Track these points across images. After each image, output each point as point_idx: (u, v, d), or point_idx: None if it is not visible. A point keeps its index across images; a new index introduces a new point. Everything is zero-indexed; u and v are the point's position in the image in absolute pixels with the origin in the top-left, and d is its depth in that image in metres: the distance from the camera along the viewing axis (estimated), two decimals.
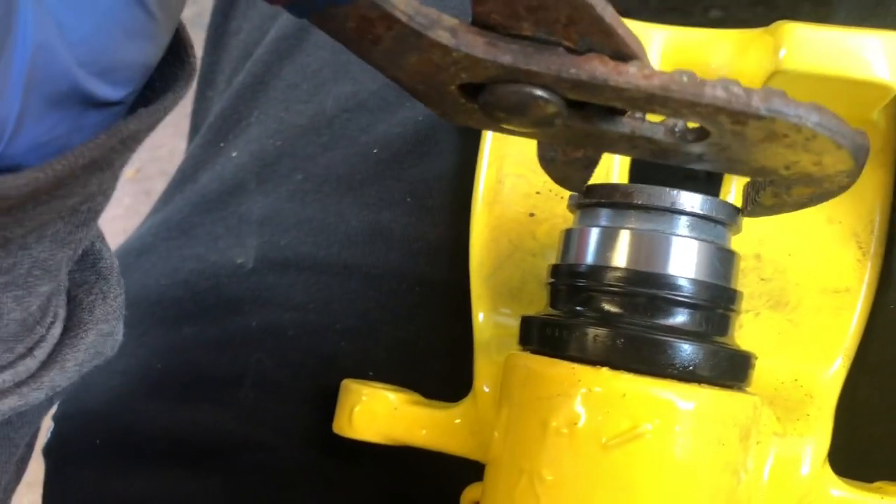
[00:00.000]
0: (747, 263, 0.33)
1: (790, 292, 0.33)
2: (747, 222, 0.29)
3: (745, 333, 0.33)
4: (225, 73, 0.46)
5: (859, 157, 0.23)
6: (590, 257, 0.28)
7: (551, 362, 0.27)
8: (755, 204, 0.27)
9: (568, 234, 0.30)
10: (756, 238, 0.33)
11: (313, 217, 0.39)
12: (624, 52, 0.21)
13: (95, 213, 0.22)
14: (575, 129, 0.24)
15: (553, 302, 0.30)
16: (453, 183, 0.38)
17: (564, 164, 0.28)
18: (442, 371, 0.38)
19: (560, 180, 0.29)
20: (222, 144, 0.42)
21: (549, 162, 0.28)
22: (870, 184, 0.32)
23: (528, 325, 0.30)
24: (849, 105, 0.30)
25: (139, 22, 0.18)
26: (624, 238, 0.28)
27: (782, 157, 0.23)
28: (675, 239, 0.27)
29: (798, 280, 0.33)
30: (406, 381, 0.37)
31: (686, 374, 0.26)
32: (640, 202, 0.28)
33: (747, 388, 0.28)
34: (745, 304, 0.33)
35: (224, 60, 0.47)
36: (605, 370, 0.26)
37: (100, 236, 0.26)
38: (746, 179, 0.28)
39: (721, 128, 0.22)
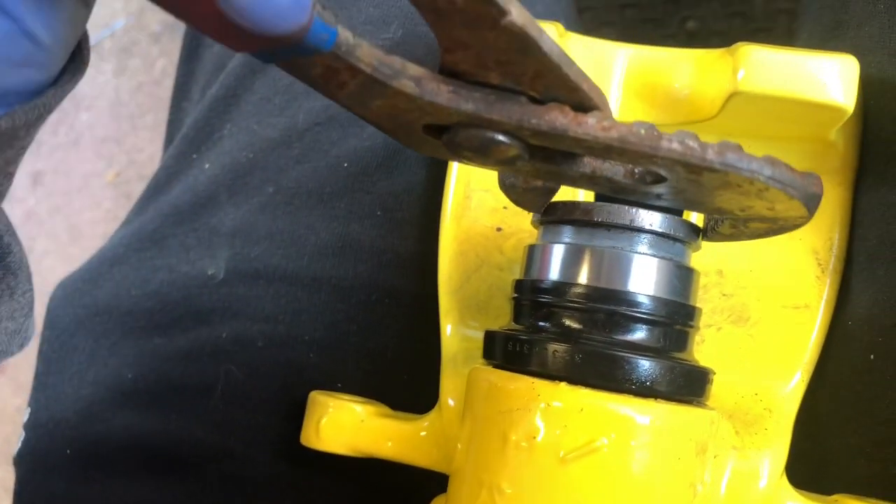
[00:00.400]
0: (709, 279, 0.34)
1: (751, 308, 0.34)
2: None
3: (707, 348, 0.34)
4: (199, 84, 0.46)
5: (811, 206, 0.23)
6: (551, 273, 0.29)
7: (512, 377, 0.28)
8: (714, 232, 0.28)
9: (531, 249, 0.30)
10: (718, 254, 0.34)
11: (284, 229, 0.39)
12: (585, 104, 0.22)
13: None
14: (537, 166, 0.24)
15: (516, 317, 0.30)
16: (422, 196, 0.38)
17: (525, 191, 0.28)
18: (410, 383, 0.39)
19: (519, 203, 0.30)
20: (195, 156, 0.42)
21: (510, 188, 0.28)
22: (829, 202, 0.33)
23: (491, 339, 0.30)
24: (806, 125, 0.31)
25: (27, 53, 0.18)
26: (584, 255, 0.28)
27: (737, 202, 0.24)
28: (634, 256, 0.28)
29: (759, 296, 0.34)
30: (374, 393, 0.37)
31: (643, 390, 0.27)
32: (600, 220, 0.28)
33: (705, 403, 0.29)
34: (707, 319, 0.34)
35: (198, 71, 0.47)
36: (563, 385, 0.27)
37: (9, 230, 0.25)
38: None
39: (678, 175, 0.23)
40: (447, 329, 0.35)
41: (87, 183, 1.25)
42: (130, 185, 1.22)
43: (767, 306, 0.33)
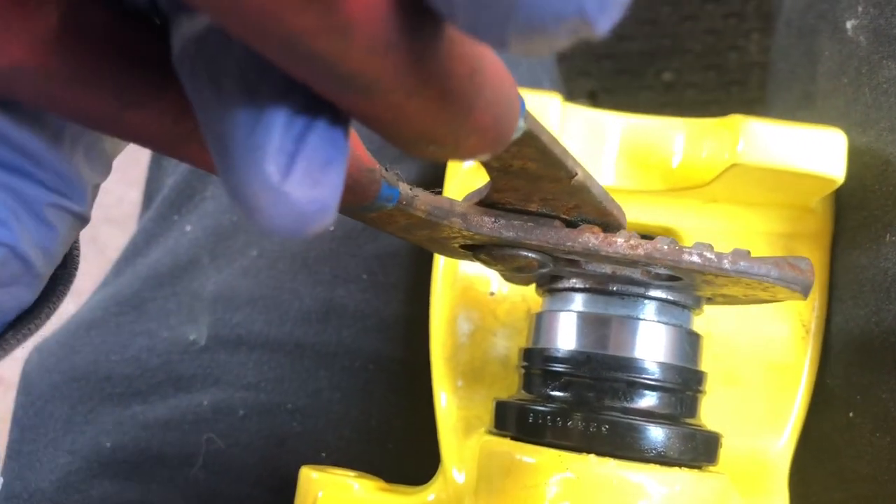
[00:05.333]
0: None
1: (740, 369, 0.35)
2: None
3: (702, 410, 0.34)
4: None
5: (807, 292, 0.26)
6: (565, 342, 0.29)
7: (535, 450, 0.27)
8: (710, 300, 0.30)
9: (539, 317, 0.30)
10: (706, 317, 0.35)
11: (267, 294, 0.38)
12: (613, 225, 0.25)
13: None
14: (561, 270, 0.27)
15: (527, 386, 0.30)
16: (407, 260, 0.38)
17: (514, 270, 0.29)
18: (395, 450, 0.38)
19: (512, 280, 0.31)
20: (176, 218, 0.40)
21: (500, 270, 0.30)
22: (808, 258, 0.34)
23: (503, 409, 0.30)
24: (795, 193, 0.33)
25: (17, 273, 0.18)
26: (600, 323, 0.28)
27: (742, 291, 0.27)
28: (648, 324, 0.28)
29: (747, 357, 0.35)
30: (359, 462, 0.36)
31: (666, 458, 0.27)
32: (615, 288, 0.28)
33: (716, 467, 0.29)
34: None
35: None
36: (592, 457, 0.27)
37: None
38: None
39: (693, 278, 0.26)
40: (441, 397, 0.35)
41: None
42: (97, 228, 1.15)
43: (755, 367, 0.35)
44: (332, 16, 0.11)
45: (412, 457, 0.37)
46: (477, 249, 0.26)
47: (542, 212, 0.24)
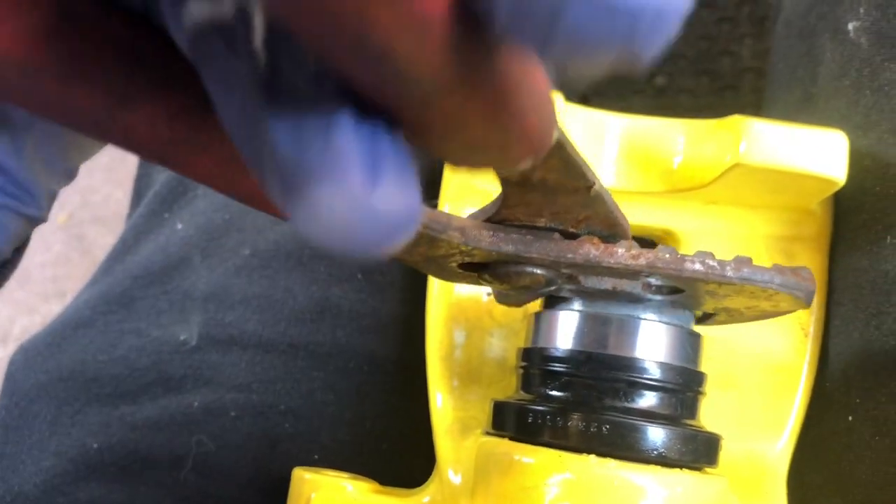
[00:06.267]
0: None
1: (737, 372, 0.34)
2: None
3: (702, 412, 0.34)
4: None
5: (810, 300, 0.26)
6: (564, 341, 0.29)
7: (534, 450, 0.27)
8: (710, 320, 0.30)
9: (538, 317, 0.30)
10: None
11: (260, 293, 0.37)
12: (620, 236, 0.24)
13: None
14: (560, 287, 0.26)
15: (525, 386, 0.30)
16: None
17: (515, 295, 0.29)
18: (389, 452, 0.37)
19: (502, 301, 0.30)
20: (167, 215, 0.40)
21: (500, 295, 0.29)
22: (809, 267, 0.34)
23: (500, 410, 0.29)
24: (796, 195, 0.32)
25: None
26: (600, 323, 0.28)
27: (745, 303, 0.26)
28: (649, 324, 0.28)
29: (744, 360, 0.34)
30: (352, 465, 0.35)
31: (666, 460, 0.27)
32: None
33: (715, 469, 0.29)
34: None
35: None
36: (592, 457, 0.26)
37: None
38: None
39: (695, 289, 0.25)
40: (437, 397, 0.34)
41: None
42: (83, 227, 1.14)
43: (753, 370, 0.34)
44: (412, 13, 0.11)
45: (407, 459, 0.36)
46: (480, 268, 0.25)
47: (547, 226, 0.24)
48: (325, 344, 0.37)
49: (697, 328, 0.30)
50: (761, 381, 0.34)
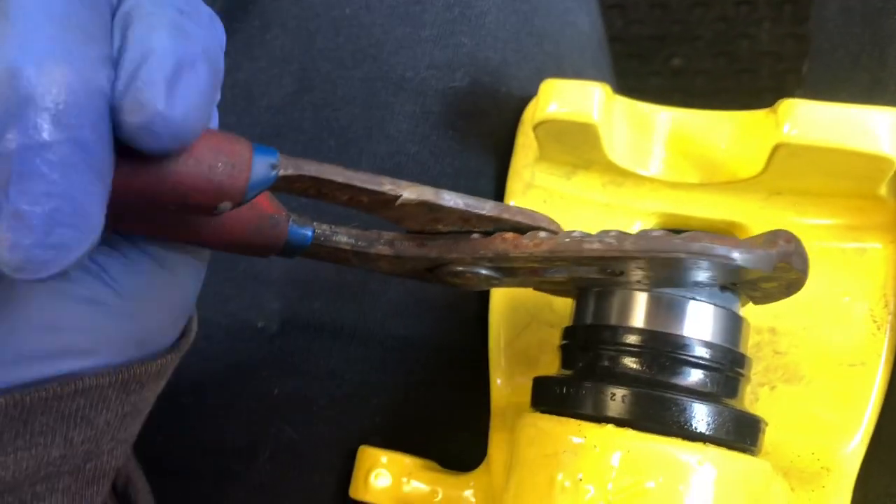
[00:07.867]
0: (762, 337, 0.34)
1: (805, 366, 0.33)
2: None
3: (762, 407, 0.33)
4: None
5: (760, 265, 0.25)
6: (601, 318, 0.29)
7: (558, 420, 0.28)
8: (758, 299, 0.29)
9: (576, 299, 0.31)
10: (771, 312, 0.34)
11: (345, 282, 0.39)
12: (522, 227, 0.26)
13: (103, 472, 0.26)
14: (523, 280, 0.29)
15: (564, 362, 0.30)
16: None
17: (555, 289, 0.31)
18: (461, 440, 0.38)
19: (555, 294, 0.32)
20: None
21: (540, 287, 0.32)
22: (881, 259, 0.33)
23: (538, 385, 0.30)
24: (854, 179, 0.31)
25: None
26: (639, 300, 0.28)
27: (692, 276, 0.26)
28: (690, 301, 0.28)
29: (813, 354, 0.33)
30: (424, 450, 0.37)
31: (692, 433, 0.27)
32: None
33: (757, 454, 0.28)
34: (760, 378, 0.33)
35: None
36: (609, 427, 0.27)
37: (134, 469, 0.30)
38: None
39: (630, 266, 0.26)
40: (497, 382, 0.36)
41: None
42: None
43: (822, 365, 0.33)
44: None
45: (477, 447, 0.37)
46: (427, 274, 0.28)
47: (460, 230, 0.27)
48: (415, 337, 0.38)
49: (751, 317, 0.29)
50: (831, 376, 0.33)
